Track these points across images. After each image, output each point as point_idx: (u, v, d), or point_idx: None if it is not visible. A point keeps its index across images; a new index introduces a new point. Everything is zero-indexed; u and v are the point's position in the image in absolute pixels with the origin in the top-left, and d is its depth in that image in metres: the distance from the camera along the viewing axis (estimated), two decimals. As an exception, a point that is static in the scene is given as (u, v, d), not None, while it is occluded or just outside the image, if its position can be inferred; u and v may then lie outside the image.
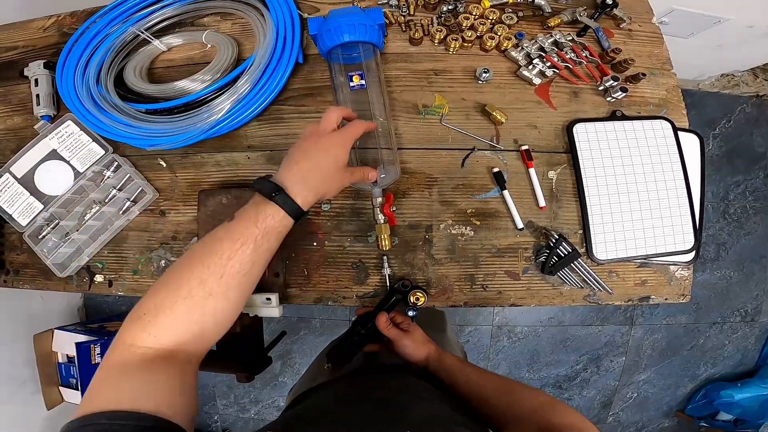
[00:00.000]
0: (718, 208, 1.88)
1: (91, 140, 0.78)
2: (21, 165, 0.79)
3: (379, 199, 0.66)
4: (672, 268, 0.75)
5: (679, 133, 0.76)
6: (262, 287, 0.71)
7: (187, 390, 0.44)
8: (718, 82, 1.82)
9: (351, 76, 0.69)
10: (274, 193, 0.49)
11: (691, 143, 0.78)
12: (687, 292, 0.75)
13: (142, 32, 0.80)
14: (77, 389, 1.62)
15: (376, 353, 0.75)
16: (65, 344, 1.65)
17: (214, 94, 0.73)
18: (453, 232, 0.73)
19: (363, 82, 0.68)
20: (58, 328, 1.69)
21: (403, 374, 0.67)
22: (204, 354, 0.49)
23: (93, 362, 1.60)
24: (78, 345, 1.58)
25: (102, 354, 1.58)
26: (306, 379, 0.82)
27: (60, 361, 1.67)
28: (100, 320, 1.85)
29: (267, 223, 0.49)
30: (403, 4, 0.80)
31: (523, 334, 1.91)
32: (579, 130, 0.74)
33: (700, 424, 1.93)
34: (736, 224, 1.89)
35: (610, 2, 0.79)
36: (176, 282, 0.46)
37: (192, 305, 0.45)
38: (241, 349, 0.70)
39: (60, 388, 1.66)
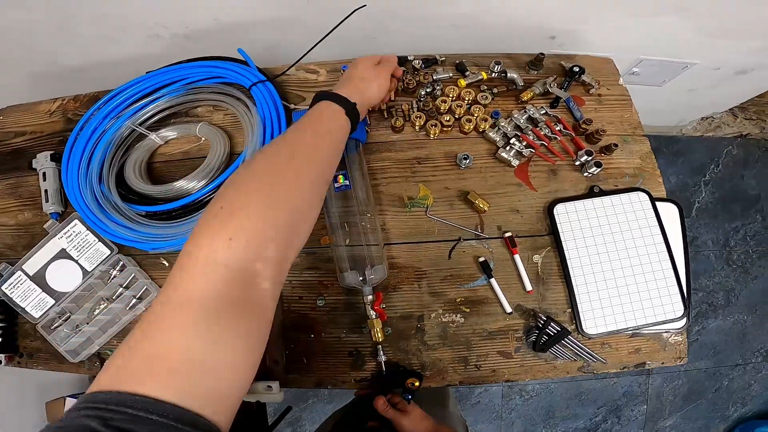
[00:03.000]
0: (721, 255, 1.86)
1: (97, 240, 0.81)
2: (32, 263, 0.82)
3: (370, 297, 0.69)
4: (665, 335, 0.75)
5: (658, 202, 0.78)
6: (263, 374, 0.73)
7: (256, 357, 0.37)
8: (700, 125, 1.84)
9: (336, 176, 0.72)
10: (321, 94, 0.59)
11: (670, 211, 0.80)
12: (683, 355, 0.75)
13: (137, 127, 0.84)
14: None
15: (377, 428, 0.76)
16: (76, 410, 1.67)
17: (210, 195, 0.77)
18: (444, 320, 0.75)
19: (348, 182, 0.72)
20: (70, 396, 1.72)
21: None
22: (284, 278, 0.43)
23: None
24: (89, 414, 1.60)
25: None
26: None
27: (68, 425, 1.69)
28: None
29: (330, 117, 0.56)
30: (385, 90, 0.85)
31: (535, 391, 1.86)
32: (559, 210, 0.76)
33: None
34: (741, 270, 1.86)
35: (577, 69, 0.82)
36: (250, 174, 0.43)
37: (273, 198, 0.41)
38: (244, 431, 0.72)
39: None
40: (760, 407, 1.89)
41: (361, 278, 0.70)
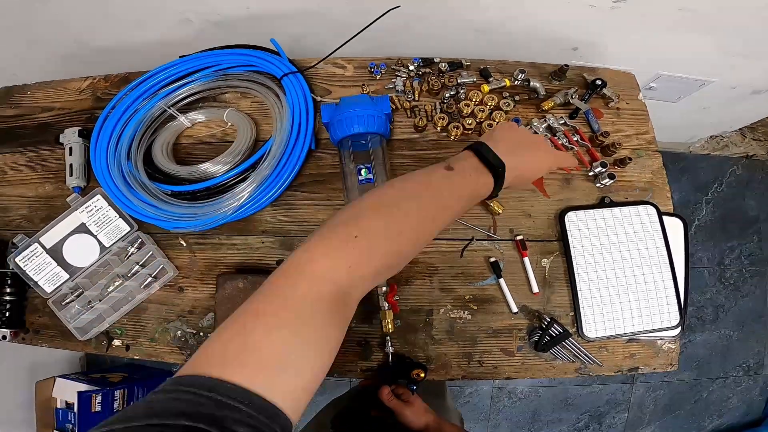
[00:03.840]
0: (715, 273, 1.90)
1: (118, 216, 0.82)
2: (50, 236, 0.82)
3: (384, 288, 0.72)
4: (659, 342, 0.78)
5: (664, 216, 0.81)
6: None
7: (332, 360, 0.40)
8: (708, 144, 1.87)
9: (359, 169, 0.74)
10: (501, 168, 0.50)
11: (675, 225, 0.83)
12: (675, 362, 0.78)
13: (169, 108, 0.85)
14: (69, 435, 1.63)
15: (380, 417, 0.78)
16: (66, 391, 1.66)
17: (234, 179, 0.79)
18: (452, 315, 0.77)
19: (371, 176, 0.74)
20: (61, 376, 1.71)
21: None
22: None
23: (93, 410, 1.61)
24: (80, 394, 1.60)
25: (103, 404, 1.60)
26: None
27: (58, 406, 1.68)
28: (102, 371, 1.86)
29: (477, 189, 0.50)
30: (409, 90, 0.86)
31: (523, 394, 1.90)
32: (570, 218, 0.79)
33: (710, 476, 1.88)
34: (732, 287, 1.90)
35: (600, 82, 0.84)
36: (396, 211, 0.44)
37: (399, 245, 0.43)
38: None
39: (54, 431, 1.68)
40: (735, 419, 1.95)
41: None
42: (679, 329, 0.77)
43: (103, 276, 0.82)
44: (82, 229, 0.83)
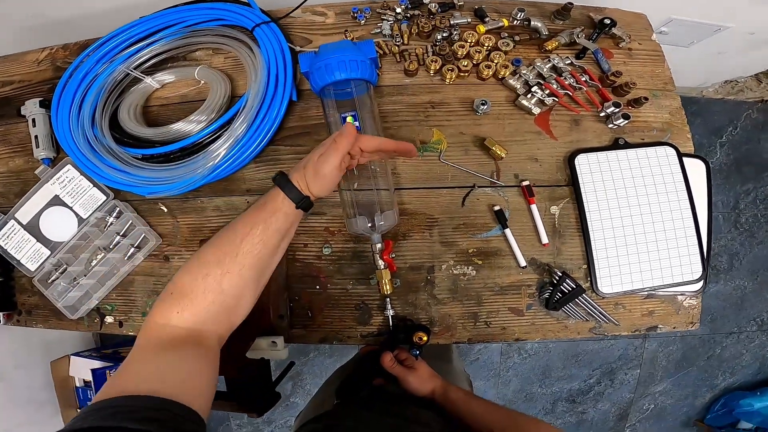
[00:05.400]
0: (729, 217, 1.84)
1: (91, 185, 0.78)
2: (25, 211, 0.80)
3: (379, 245, 0.66)
4: (680, 297, 0.73)
5: (685, 158, 0.74)
6: (267, 329, 0.71)
7: (210, 372, 0.47)
8: (722, 88, 1.79)
9: (344, 117, 0.69)
10: (276, 177, 0.55)
11: (696, 168, 0.76)
12: (696, 320, 0.73)
13: (132, 71, 0.80)
14: (94, 412, 1.65)
15: (383, 386, 0.74)
16: (81, 369, 1.69)
17: (210, 136, 0.73)
18: (455, 272, 0.72)
19: (357, 124, 0.68)
20: (74, 354, 1.72)
21: (413, 404, 0.66)
22: (229, 334, 0.53)
23: (109, 387, 1.63)
24: (94, 371, 1.62)
25: (118, 380, 1.62)
26: (313, 407, 0.83)
27: (77, 385, 1.71)
28: (114, 345, 1.88)
29: (271, 205, 0.54)
30: (397, 34, 0.79)
31: (533, 350, 1.88)
32: (581, 161, 0.72)
33: (721, 433, 1.88)
34: (748, 233, 1.84)
35: (608, 21, 0.78)
36: (197, 263, 0.51)
37: (210, 283, 0.49)
38: (249, 388, 0.71)
39: (78, 410, 1.70)
40: (747, 378, 1.93)
41: (369, 224, 0.66)
42: (701, 283, 0.72)
43: (84, 249, 0.79)
44: (57, 201, 0.80)
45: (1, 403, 1.47)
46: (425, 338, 0.68)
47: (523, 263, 0.71)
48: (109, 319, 0.79)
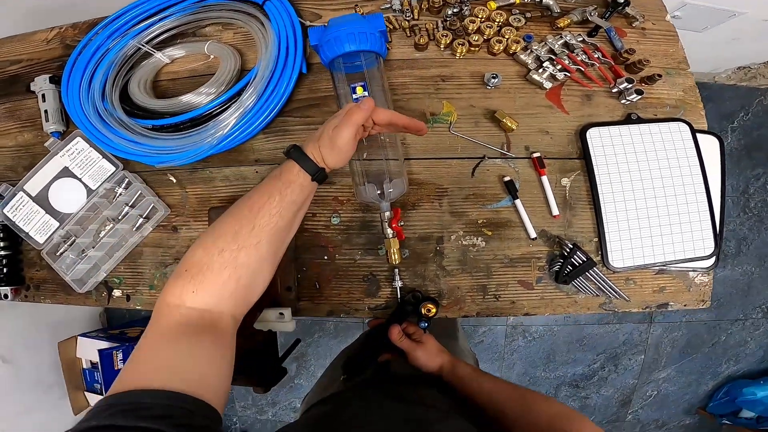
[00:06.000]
0: (738, 202, 1.82)
1: (101, 157, 0.78)
2: (34, 183, 0.80)
3: (387, 213, 0.65)
4: (691, 274, 0.73)
5: (698, 135, 0.73)
6: (274, 301, 0.71)
7: (224, 360, 0.46)
8: (735, 74, 1.78)
9: (354, 88, 0.68)
10: (291, 150, 0.55)
11: (710, 145, 0.75)
12: (707, 298, 0.73)
13: (143, 45, 0.80)
14: (101, 394, 1.65)
15: (388, 362, 0.74)
16: (88, 351, 1.69)
17: (220, 108, 0.73)
18: (464, 243, 0.72)
19: (366, 93, 0.67)
20: (81, 335, 1.73)
21: (418, 386, 0.66)
22: (244, 314, 0.52)
23: (116, 368, 1.63)
24: (101, 352, 1.62)
25: (125, 360, 1.61)
26: (319, 389, 0.83)
27: (84, 367, 1.71)
28: (121, 326, 1.88)
29: (286, 177, 0.53)
30: (407, 9, 0.78)
31: (538, 333, 1.89)
32: (593, 134, 0.72)
33: (723, 421, 1.88)
34: (756, 219, 1.83)
35: (622, 1, 0.77)
36: (212, 237, 0.49)
37: (227, 258, 0.47)
38: (256, 362, 0.70)
39: (85, 393, 1.70)
40: (751, 366, 1.93)
41: (378, 192, 0.66)
42: (713, 259, 0.71)
43: (93, 221, 0.79)
44: (66, 173, 0.80)
45: (10, 385, 1.47)
46: (434, 310, 0.68)
47: (533, 235, 0.70)
48: (116, 293, 0.79)
